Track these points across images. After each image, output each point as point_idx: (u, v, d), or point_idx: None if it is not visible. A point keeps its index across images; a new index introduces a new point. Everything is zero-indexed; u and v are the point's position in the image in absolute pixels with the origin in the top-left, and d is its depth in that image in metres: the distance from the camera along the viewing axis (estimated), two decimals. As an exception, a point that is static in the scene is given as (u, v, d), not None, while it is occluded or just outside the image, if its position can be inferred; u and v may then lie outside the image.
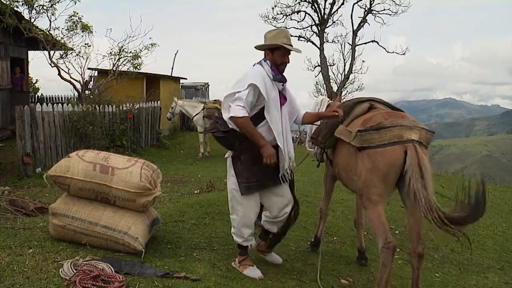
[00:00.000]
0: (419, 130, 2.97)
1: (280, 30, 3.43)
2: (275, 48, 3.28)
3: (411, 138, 2.90)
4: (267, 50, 3.34)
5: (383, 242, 2.94)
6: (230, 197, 3.43)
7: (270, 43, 3.29)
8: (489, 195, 8.44)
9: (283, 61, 3.32)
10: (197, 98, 16.90)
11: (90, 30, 11.37)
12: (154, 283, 3.00)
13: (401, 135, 2.92)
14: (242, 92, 3.13)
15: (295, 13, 20.53)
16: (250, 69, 3.31)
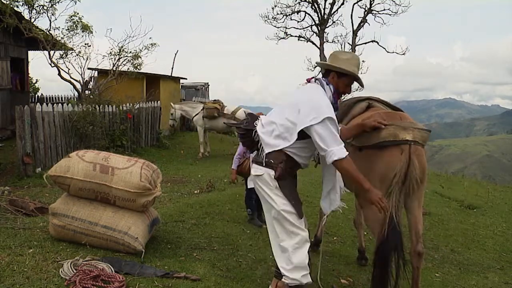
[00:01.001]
0: (412, 130, 3.00)
1: (354, 56, 3.03)
2: (343, 74, 2.89)
3: (406, 139, 2.94)
4: (334, 73, 2.90)
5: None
6: (279, 220, 2.79)
7: (344, 67, 2.85)
8: (489, 195, 8.46)
9: (345, 91, 2.96)
10: (197, 98, 16.90)
11: (90, 30, 11.37)
12: (154, 283, 3.01)
13: (397, 134, 2.95)
14: (333, 128, 2.68)
15: (295, 13, 20.52)
16: (315, 92, 2.81)
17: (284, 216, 2.76)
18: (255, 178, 2.87)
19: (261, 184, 2.83)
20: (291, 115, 2.76)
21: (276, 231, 2.84)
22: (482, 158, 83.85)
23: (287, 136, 2.78)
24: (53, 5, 10.49)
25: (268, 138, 2.82)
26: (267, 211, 2.91)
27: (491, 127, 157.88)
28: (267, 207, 2.88)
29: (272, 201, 2.78)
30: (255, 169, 2.87)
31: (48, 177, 3.60)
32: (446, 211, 6.79)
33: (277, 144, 2.78)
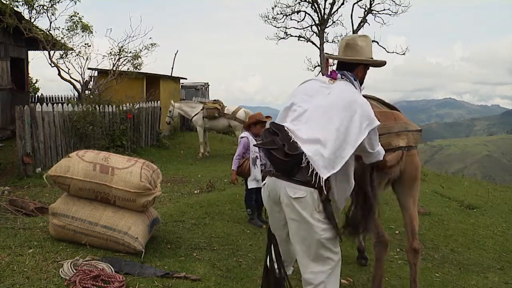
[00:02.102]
0: (406, 134, 3.04)
1: (368, 38, 2.66)
2: (368, 64, 2.61)
3: (399, 145, 3.01)
4: (361, 66, 2.58)
5: (375, 238, 3.03)
6: (316, 249, 2.30)
7: (373, 58, 2.58)
8: (489, 195, 8.45)
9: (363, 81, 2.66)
10: (197, 98, 16.90)
11: (90, 30, 11.37)
12: (154, 283, 3.01)
13: (390, 143, 3.00)
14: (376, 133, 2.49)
15: (295, 13, 20.53)
16: (356, 94, 2.47)
17: (323, 244, 2.28)
18: (291, 200, 2.26)
19: (300, 208, 2.24)
20: (342, 127, 2.29)
21: (308, 260, 2.32)
22: (482, 158, 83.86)
23: (343, 154, 2.28)
24: (53, 5, 10.50)
25: (320, 159, 2.22)
26: (297, 238, 2.33)
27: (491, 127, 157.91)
28: (300, 234, 2.30)
29: (311, 228, 2.25)
30: (293, 189, 2.25)
31: (48, 177, 3.60)
32: (446, 211, 6.79)
33: (334, 166, 2.24)
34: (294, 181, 2.25)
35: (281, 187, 2.30)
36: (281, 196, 2.31)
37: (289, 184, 2.27)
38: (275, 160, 2.27)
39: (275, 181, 2.34)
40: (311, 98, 2.43)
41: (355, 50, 2.55)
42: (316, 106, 2.37)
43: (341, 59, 2.58)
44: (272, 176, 2.36)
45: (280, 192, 2.31)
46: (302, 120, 2.35)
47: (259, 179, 4.95)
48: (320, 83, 2.51)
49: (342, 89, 2.44)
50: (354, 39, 2.60)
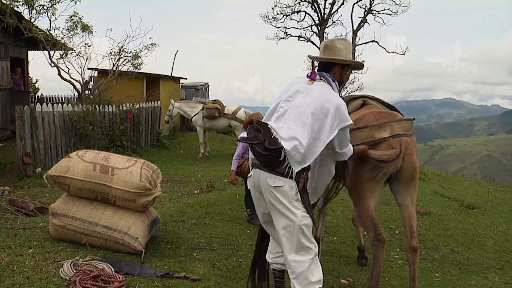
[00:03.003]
0: (390, 125, 3.08)
1: (347, 41, 2.89)
2: (346, 65, 2.81)
3: (383, 137, 3.05)
4: (338, 66, 2.77)
5: (373, 236, 3.05)
6: (296, 235, 2.52)
7: (351, 59, 2.79)
8: (489, 195, 8.45)
9: (344, 82, 2.89)
10: (197, 98, 16.90)
11: (90, 30, 11.37)
12: (154, 283, 3.01)
13: (373, 135, 3.07)
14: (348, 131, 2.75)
15: (295, 13, 20.54)
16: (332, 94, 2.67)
17: (302, 230, 2.50)
18: (271, 189, 2.51)
19: (280, 196, 2.49)
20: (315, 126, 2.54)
21: (290, 246, 2.53)
22: (482, 158, 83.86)
23: (314, 150, 2.55)
24: (53, 5, 10.49)
25: (297, 154, 2.48)
26: (280, 225, 2.55)
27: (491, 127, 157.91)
28: (282, 221, 2.53)
29: (292, 215, 2.49)
30: (272, 179, 2.50)
31: (48, 177, 3.60)
32: (446, 211, 6.79)
33: (305, 161, 2.51)
34: (274, 173, 2.50)
35: (262, 177, 2.55)
36: (263, 186, 2.56)
37: (269, 175, 2.52)
38: (257, 153, 2.51)
39: (258, 172, 2.58)
40: (292, 98, 2.66)
41: (332, 51, 2.74)
42: (295, 107, 2.61)
43: (316, 59, 2.82)
44: (256, 168, 2.61)
45: (262, 182, 2.56)
46: (283, 119, 2.59)
47: (259, 179, 4.95)
48: (301, 84, 2.72)
49: (318, 90, 2.66)
50: (333, 41, 2.81)
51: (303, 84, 2.71)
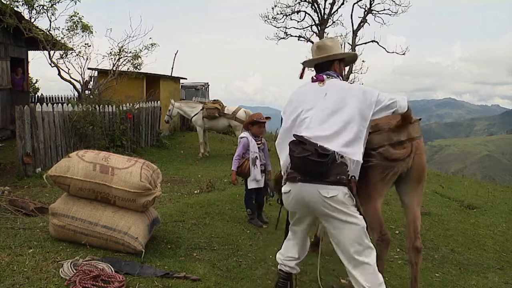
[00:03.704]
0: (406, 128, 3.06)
1: (336, 38, 3.07)
2: (342, 59, 2.89)
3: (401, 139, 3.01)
4: (337, 62, 2.85)
5: (378, 236, 3.05)
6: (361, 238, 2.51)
7: (345, 52, 2.87)
8: (489, 195, 8.45)
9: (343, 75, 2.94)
10: (197, 98, 16.90)
11: (90, 30, 11.37)
12: (154, 283, 3.01)
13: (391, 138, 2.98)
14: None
15: (295, 13, 20.53)
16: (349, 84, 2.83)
17: (365, 232, 2.51)
18: (326, 200, 2.43)
19: (337, 205, 2.43)
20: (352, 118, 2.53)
21: (359, 249, 2.50)
22: (482, 158, 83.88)
23: (361, 140, 2.53)
24: (53, 5, 10.50)
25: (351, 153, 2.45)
26: (344, 233, 2.48)
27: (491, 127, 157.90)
28: (346, 228, 2.47)
29: (354, 219, 2.47)
30: (326, 190, 2.42)
31: (48, 177, 3.60)
32: (446, 211, 6.79)
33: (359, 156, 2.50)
34: (326, 183, 2.43)
35: (311, 190, 2.47)
36: (313, 199, 2.47)
37: (321, 186, 2.44)
38: (309, 164, 2.41)
39: (303, 186, 2.50)
40: (312, 105, 2.64)
41: (325, 50, 2.83)
42: (321, 110, 2.59)
43: (316, 60, 2.84)
44: (297, 182, 2.51)
45: (311, 195, 2.47)
46: (315, 126, 2.55)
47: (259, 179, 4.95)
48: (313, 88, 2.72)
49: (335, 85, 2.69)
50: (323, 41, 2.90)
51: (314, 88, 2.72)
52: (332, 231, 2.55)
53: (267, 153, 5.17)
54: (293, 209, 2.70)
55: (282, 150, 2.71)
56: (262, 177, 5.00)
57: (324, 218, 2.55)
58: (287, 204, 2.68)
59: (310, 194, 2.48)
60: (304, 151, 2.42)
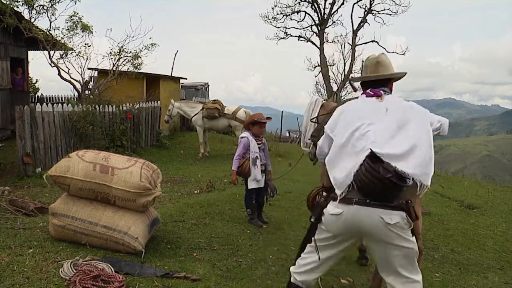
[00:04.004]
0: None
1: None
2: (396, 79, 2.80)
3: None
4: (392, 80, 2.77)
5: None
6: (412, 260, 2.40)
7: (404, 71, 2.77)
8: (489, 195, 8.46)
9: None
10: (197, 98, 16.90)
11: (90, 30, 11.37)
12: (154, 283, 3.01)
13: None
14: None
15: (295, 13, 20.57)
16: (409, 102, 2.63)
17: (417, 255, 2.39)
18: (388, 227, 2.25)
19: (398, 231, 2.27)
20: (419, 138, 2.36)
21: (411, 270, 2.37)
22: (482, 158, 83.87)
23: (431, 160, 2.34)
24: (53, 5, 10.49)
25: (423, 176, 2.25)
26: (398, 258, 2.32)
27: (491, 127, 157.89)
28: (401, 254, 2.32)
29: (411, 244, 2.32)
30: (389, 216, 2.24)
31: (48, 177, 3.60)
32: (446, 211, 6.79)
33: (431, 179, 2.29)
34: (389, 207, 2.25)
35: (372, 215, 2.26)
36: (373, 224, 2.26)
37: (384, 211, 2.25)
38: (387, 187, 2.20)
39: (360, 209, 2.28)
40: (374, 120, 2.42)
41: (385, 67, 2.68)
42: (385, 126, 2.38)
43: (381, 76, 2.66)
44: (354, 205, 2.29)
45: (370, 220, 2.26)
46: (382, 142, 2.32)
47: (259, 179, 4.95)
48: (371, 103, 2.53)
49: (395, 102, 2.52)
50: (382, 57, 2.73)
51: (371, 103, 2.54)
52: (383, 254, 2.37)
53: (267, 153, 5.17)
54: (337, 232, 2.42)
55: (336, 167, 2.43)
56: (263, 177, 5.00)
57: (377, 243, 2.35)
58: (333, 227, 2.41)
59: (370, 219, 2.26)
60: (386, 172, 2.19)
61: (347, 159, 2.37)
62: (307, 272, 2.59)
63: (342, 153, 2.42)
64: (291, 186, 7.42)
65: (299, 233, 4.91)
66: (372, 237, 2.33)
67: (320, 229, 2.49)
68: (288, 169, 8.53)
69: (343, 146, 2.43)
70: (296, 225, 5.22)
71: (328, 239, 2.47)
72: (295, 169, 7.30)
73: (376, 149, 2.28)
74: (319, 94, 21.65)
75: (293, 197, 6.61)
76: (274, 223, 5.19)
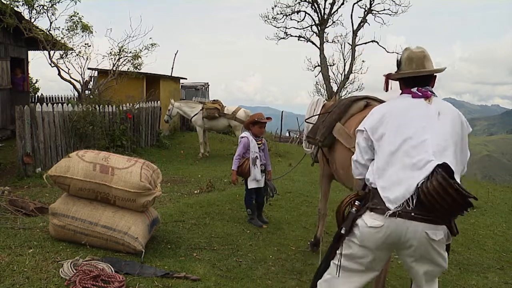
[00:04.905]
0: None
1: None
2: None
3: None
4: (435, 76, 2.43)
5: None
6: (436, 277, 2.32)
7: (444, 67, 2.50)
8: (489, 195, 8.45)
9: None
10: (197, 98, 16.90)
11: (90, 30, 11.36)
12: (154, 283, 3.01)
13: None
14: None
15: (295, 13, 20.57)
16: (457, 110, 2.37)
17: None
18: (431, 243, 2.09)
19: (439, 248, 2.13)
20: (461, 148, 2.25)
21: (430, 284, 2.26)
22: (482, 158, 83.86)
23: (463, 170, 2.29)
24: (53, 5, 10.48)
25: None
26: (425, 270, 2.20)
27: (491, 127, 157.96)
28: (431, 269, 2.19)
29: (444, 261, 2.19)
30: (434, 231, 2.07)
31: (48, 177, 3.60)
32: (446, 211, 6.79)
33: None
34: (435, 222, 2.07)
35: (417, 230, 2.07)
36: (415, 238, 2.08)
37: (429, 226, 2.07)
38: (458, 204, 2.00)
39: (404, 222, 2.07)
40: (428, 126, 2.21)
41: (431, 62, 2.37)
42: (440, 134, 2.19)
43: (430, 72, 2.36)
44: (398, 218, 2.08)
45: (413, 234, 2.07)
46: (439, 153, 2.14)
47: (259, 179, 4.95)
48: (420, 106, 2.28)
49: (446, 107, 2.30)
50: (425, 51, 2.40)
51: (421, 106, 2.28)
52: (415, 267, 2.20)
53: (267, 153, 5.17)
54: (374, 247, 2.18)
55: (387, 177, 2.18)
56: (262, 177, 5.00)
57: (411, 257, 2.17)
58: (370, 241, 2.16)
59: (413, 233, 2.07)
60: (460, 189, 1.98)
61: (403, 170, 2.13)
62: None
63: (394, 162, 2.18)
64: (291, 186, 7.42)
65: (300, 233, 4.91)
66: (409, 252, 2.15)
67: (350, 244, 2.25)
68: (288, 169, 8.54)
69: (394, 154, 2.20)
70: (296, 225, 5.22)
71: (359, 257, 2.23)
72: (295, 169, 7.30)
73: (447, 162, 2.07)
74: (319, 94, 21.64)
75: (293, 197, 6.61)
76: (274, 223, 5.19)
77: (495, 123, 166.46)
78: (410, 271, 2.27)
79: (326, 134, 3.60)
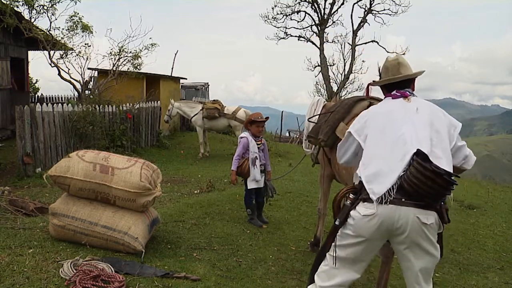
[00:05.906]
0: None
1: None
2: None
3: None
4: (414, 80, 2.66)
5: None
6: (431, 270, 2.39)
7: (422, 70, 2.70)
8: (489, 195, 8.46)
9: None
10: (197, 98, 16.90)
11: (90, 30, 11.36)
12: (154, 283, 3.01)
13: None
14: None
15: (295, 13, 20.59)
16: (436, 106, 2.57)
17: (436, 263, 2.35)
18: (422, 227, 2.17)
19: (429, 234, 2.20)
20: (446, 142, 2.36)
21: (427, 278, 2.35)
22: (482, 158, 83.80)
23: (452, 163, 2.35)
24: (53, 5, 10.49)
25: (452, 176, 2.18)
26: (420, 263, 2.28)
27: (491, 127, 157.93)
28: (426, 259, 2.27)
29: (436, 251, 2.26)
30: (425, 215, 2.16)
31: (48, 177, 3.60)
32: (446, 211, 6.79)
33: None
34: (426, 207, 2.17)
35: (408, 215, 2.16)
36: (407, 223, 2.16)
37: (421, 211, 2.16)
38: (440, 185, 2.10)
39: (396, 208, 2.17)
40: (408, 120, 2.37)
41: (406, 67, 2.60)
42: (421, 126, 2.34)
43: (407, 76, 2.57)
44: (389, 204, 2.17)
45: (405, 219, 2.16)
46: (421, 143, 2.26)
47: (259, 179, 4.95)
48: (400, 104, 2.47)
49: (422, 102, 2.50)
50: (401, 58, 2.65)
51: (401, 104, 2.47)
52: (408, 259, 2.30)
53: (267, 153, 5.17)
54: (369, 235, 2.26)
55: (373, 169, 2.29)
56: (262, 177, 5.00)
57: (405, 245, 2.25)
58: (364, 229, 2.24)
59: (405, 218, 2.16)
60: (439, 170, 2.09)
61: (384, 163, 2.27)
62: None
63: (377, 157, 2.32)
64: (291, 186, 7.42)
65: (300, 233, 4.91)
66: (402, 238, 2.22)
67: (345, 235, 2.33)
68: (288, 169, 8.54)
69: (376, 150, 2.35)
70: (296, 225, 5.22)
71: (355, 245, 2.31)
72: (295, 169, 7.30)
73: (422, 149, 2.20)
74: (319, 94, 21.65)
75: (293, 197, 6.61)
76: (274, 223, 5.19)
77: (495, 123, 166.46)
78: (405, 266, 2.36)
79: (329, 133, 3.59)
